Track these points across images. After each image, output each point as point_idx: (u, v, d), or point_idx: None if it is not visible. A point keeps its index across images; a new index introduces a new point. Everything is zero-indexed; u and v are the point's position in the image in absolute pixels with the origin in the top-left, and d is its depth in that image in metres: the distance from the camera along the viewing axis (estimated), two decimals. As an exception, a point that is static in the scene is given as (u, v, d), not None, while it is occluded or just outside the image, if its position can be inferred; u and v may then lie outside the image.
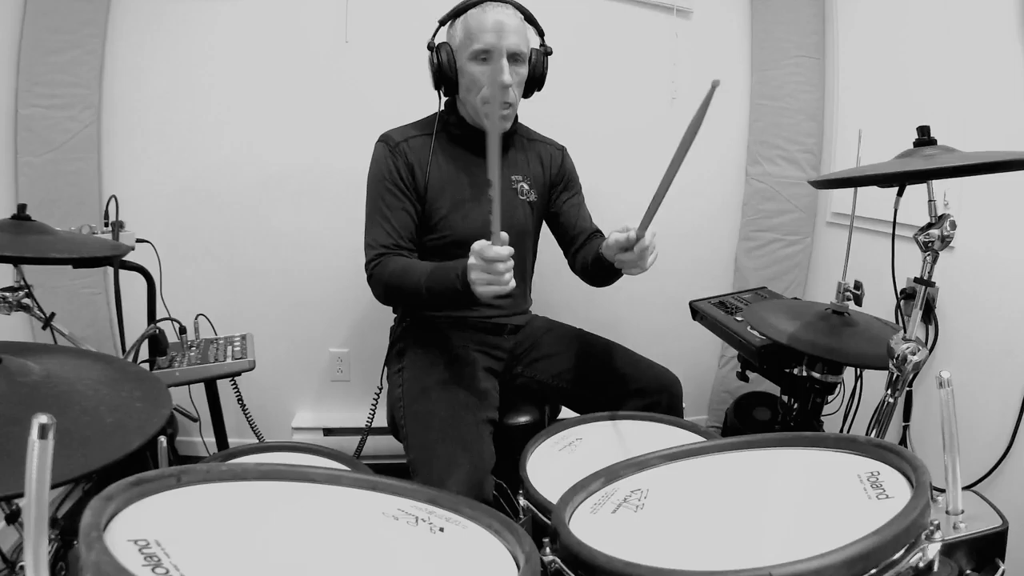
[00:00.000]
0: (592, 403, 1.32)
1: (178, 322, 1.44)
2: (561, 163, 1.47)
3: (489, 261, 0.98)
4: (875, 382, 1.41)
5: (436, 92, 1.30)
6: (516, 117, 1.37)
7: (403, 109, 1.42)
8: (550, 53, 1.31)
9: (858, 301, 1.33)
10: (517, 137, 1.41)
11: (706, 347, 2.19)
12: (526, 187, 1.39)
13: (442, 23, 1.28)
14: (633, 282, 2.12)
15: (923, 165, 0.86)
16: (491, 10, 1.21)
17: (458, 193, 1.30)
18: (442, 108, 1.32)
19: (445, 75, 1.24)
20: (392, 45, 1.86)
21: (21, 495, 0.46)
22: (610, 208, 2.08)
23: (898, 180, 0.92)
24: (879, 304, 1.39)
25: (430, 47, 1.27)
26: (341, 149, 1.87)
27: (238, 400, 1.57)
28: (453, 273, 1.07)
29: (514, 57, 1.22)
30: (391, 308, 1.46)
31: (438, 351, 1.31)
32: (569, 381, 1.37)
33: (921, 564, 0.54)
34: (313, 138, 1.87)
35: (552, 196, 1.45)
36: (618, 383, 1.31)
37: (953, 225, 0.89)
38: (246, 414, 1.63)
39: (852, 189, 1.56)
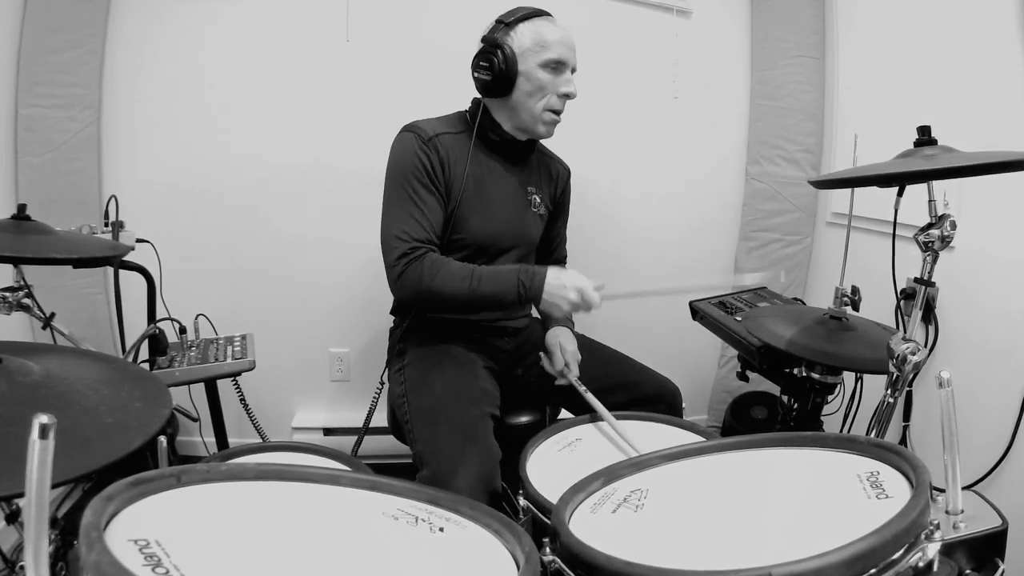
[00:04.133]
0: (590, 409, 1.32)
1: (178, 322, 1.44)
2: (566, 184, 1.51)
3: (587, 304, 1.14)
4: (875, 382, 1.41)
5: (480, 91, 1.28)
6: None
7: (405, 109, 1.42)
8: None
9: (855, 306, 1.34)
10: (536, 151, 1.43)
11: (706, 347, 2.19)
12: (538, 200, 1.41)
13: (502, 23, 1.25)
14: (633, 282, 2.13)
15: (923, 165, 0.86)
16: (559, 25, 1.27)
17: (483, 197, 1.30)
18: (470, 107, 1.33)
19: (506, 77, 1.23)
20: (393, 44, 1.86)
21: (21, 495, 0.46)
22: (609, 208, 2.10)
23: (898, 180, 0.92)
24: (879, 305, 1.39)
25: (490, 44, 1.24)
26: (342, 149, 1.87)
27: (240, 400, 1.57)
28: (514, 278, 1.16)
29: (573, 73, 1.29)
30: (390, 309, 1.46)
31: (439, 351, 1.31)
32: (568, 387, 1.37)
33: (921, 564, 0.54)
34: (313, 138, 1.87)
35: (552, 213, 1.48)
36: (618, 391, 1.31)
37: (953, 225, 0.89)
38: (249, 414, 1.63)
39: (849, 190, 1.56)
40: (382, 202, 1.26)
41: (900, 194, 0.98)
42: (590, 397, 1.22)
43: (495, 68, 1.23)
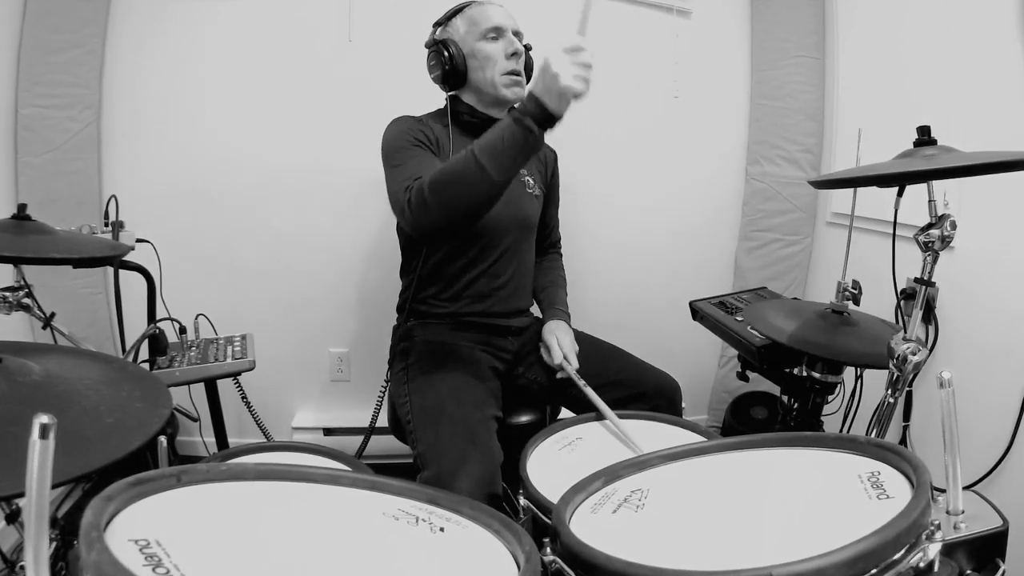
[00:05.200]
0: (591, 406, 1.32)
1: (178, 322, 1.44)
2: (554, 167, 1.54)
3: (575, 50, 0.92)
4: (875, 382, 1.41)
5: (442, 87, 1.34)
6: None
7: (406, 108, 1.42)
8: (530, 49, 1.38)
9: (856, 301, 1.34)
10: None
11: (706, 347, 2.19)
12: (532, 182, 1.42)
13: (438, 25, 1.35)
14: (633, 283, 2.14)
15: (923, 165, 0.86)
16: (488, 3, 1.32)
17: None
18: (446, 103, 1.35)
19: (456, 66, 1.28)
20: (395, 44, 1.86)
21: (21, 495, 0.46)
22: (608, 208, 2.10)
23: (898, 180, 0.92)
24: (879, 304, 1.39)
25: (432, 45, 1.32)
26: (342, 149, 1.87)
27: (243, 399, 1.57)
28: (504, 123, 0.99)
29: (517, 36, 1.32)
30: (394, 308, 1.46)
31: (443, 350, 1.31)
32: (568, 384, 1.37)
33: (922, 564, 0.54)
34: (314, 138, 1.87)
35: (546, 197, 1.50)
36: (618, 388, 1.31)
37: (953, 225, 0.89)
38: (252, 414, 1.63)
39: (852, 189, 1.56)
40: (385, 178, 1.20)
41: (900, 194, 0.98)
42: (589, 392, 1.22)
43: (444, 62, 1.29)
